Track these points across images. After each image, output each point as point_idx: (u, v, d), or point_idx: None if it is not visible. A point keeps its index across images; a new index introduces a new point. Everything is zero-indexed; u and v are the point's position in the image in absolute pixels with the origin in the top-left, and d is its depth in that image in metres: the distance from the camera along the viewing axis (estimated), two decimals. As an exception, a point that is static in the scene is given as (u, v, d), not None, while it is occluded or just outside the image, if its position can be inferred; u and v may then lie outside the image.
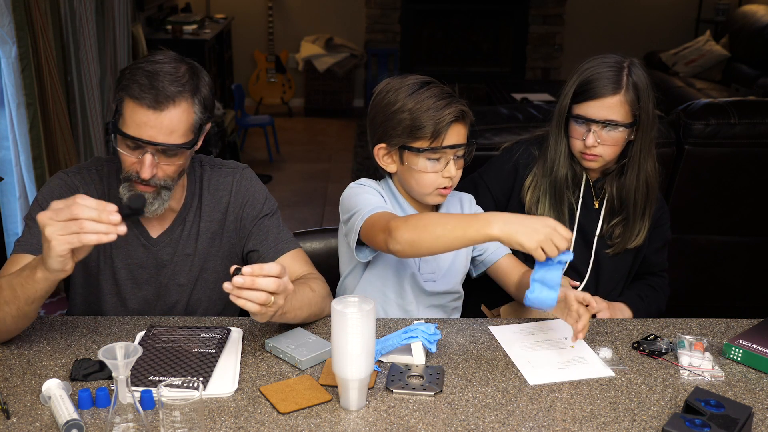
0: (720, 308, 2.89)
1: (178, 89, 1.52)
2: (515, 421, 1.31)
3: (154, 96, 1.50)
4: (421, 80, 1.69)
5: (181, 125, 1.54)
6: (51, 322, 1.62)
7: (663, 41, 6.80)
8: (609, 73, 1.76)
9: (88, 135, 3.92)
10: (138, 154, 1.55)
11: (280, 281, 1.34)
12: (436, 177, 1.68)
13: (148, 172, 1.54)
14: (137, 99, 1.51)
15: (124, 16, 4.52)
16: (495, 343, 1.58)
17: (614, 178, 1.86)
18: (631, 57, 1.82)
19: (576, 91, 1.78)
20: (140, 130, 1.52)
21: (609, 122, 1.75)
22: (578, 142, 1.80)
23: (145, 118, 1.51)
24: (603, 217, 1.90)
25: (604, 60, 1.79)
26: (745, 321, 1.67)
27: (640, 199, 1.85)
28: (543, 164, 1.88)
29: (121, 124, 1.54)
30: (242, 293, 1.32)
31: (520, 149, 1.94)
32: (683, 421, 1.25)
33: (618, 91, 1.75)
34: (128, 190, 1.59)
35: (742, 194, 2.71)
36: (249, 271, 1.31)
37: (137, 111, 1.51)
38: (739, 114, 2.61)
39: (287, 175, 5.49)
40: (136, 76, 1.52)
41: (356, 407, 1.33)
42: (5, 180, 3.23)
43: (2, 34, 3.03)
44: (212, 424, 1.28)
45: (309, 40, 6.99)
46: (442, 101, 1.64)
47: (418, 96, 1.65)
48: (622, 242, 1.89)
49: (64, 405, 1.26)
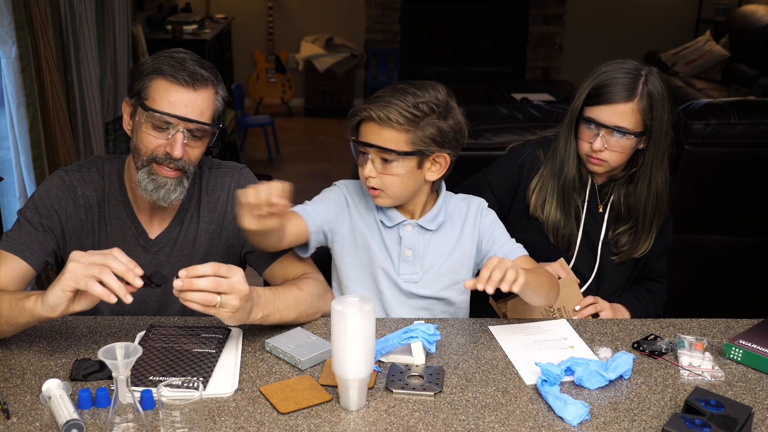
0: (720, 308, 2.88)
1: (208, 74, 1.60)
2: (515, 421, 1.31)
3: (190, 75, 1.56)
4: (406, 82, 1.67)
5: (209, 109, 1.60)
6: (51, 322, 1.62)
7: (663, 41, 6.80)
8: (625, 80, 1.74)
9: (88, 135, 3.92)
10: (166, 135, 1.58)
11: (218, 280, 1.35)
12: (361, 171, 1.67)
13: (180, 150, 1.57)
14: (173, 77, 1.55)
15: (124, 16, 4.51)
16: (495, 343, 1.58)
17: (622, 185, 1.86)
18: (651, 66, 1.81)
19: (590, 94, 1.76)
20: (174, 108, 1.56)
21: (618, 128, 1.74)
22: (586, 145, 1.80)
23: (179, 96, 1.56)
24: (607, 222, 1.89)
25: (622, 66, 1.77)
26: (745, 321, 1.67)
27: (649, 209, 1.85)
28: (551, 165, 1.87)
29: (150, 104, 1.57)
30: (185, 295, 1.35)
31: (527, 151, 1.93)
32: (683, 421, 1.25)
33: (631, 98, 1.73)
34: (148, 174, 1.60)
35: (742, 194, 2.71)
36: (184, 274, 1.34)
37: (171, 89, 1.56)
38: (739, 114, 2.61)
39: (287, 175, 5.49)
40: (164, 62, 1.57)
41: (356, 407, 1.33)
42: (5, 180, 3.23)
43: (2, 34, 3.03)
44: (212, 424, 1.28)
45: (309, 40, 6.99)
46: (375, 98, 1.63)
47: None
48: (630, 251, 1.89)
49: (64, 405, 1.26)
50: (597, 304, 1.83)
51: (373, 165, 1.63)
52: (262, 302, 1.48)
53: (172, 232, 1.72)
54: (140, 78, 1.59)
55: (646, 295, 1.97)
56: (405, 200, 1.70)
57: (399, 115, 1.58)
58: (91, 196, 1.70)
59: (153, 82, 1.57)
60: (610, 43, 6.93)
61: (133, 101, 1.61)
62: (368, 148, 1.63)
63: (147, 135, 1.58)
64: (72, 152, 3.49)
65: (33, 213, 1.65)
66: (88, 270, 1.32)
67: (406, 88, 1.62)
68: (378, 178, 1.64)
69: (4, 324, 1.45)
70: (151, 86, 1.57)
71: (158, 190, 1.60)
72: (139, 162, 1.61)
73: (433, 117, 1.61)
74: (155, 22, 5.90)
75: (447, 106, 1.64)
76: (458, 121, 1.66)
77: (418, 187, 1.69)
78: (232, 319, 1.41)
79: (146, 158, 1.59)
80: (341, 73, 6.92)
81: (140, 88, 1.58)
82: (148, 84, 1.57)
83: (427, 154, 1.63)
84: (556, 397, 1.34)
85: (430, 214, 1.73)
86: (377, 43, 7.08)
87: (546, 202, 1.87)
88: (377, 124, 1.60)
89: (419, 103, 1.59)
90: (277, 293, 1.53)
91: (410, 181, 1.65)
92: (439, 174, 1.68)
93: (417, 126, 1.59)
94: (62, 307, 1.36)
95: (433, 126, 1.61)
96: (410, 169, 1.63)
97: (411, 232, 1.72)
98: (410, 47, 7.18)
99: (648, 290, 1.98)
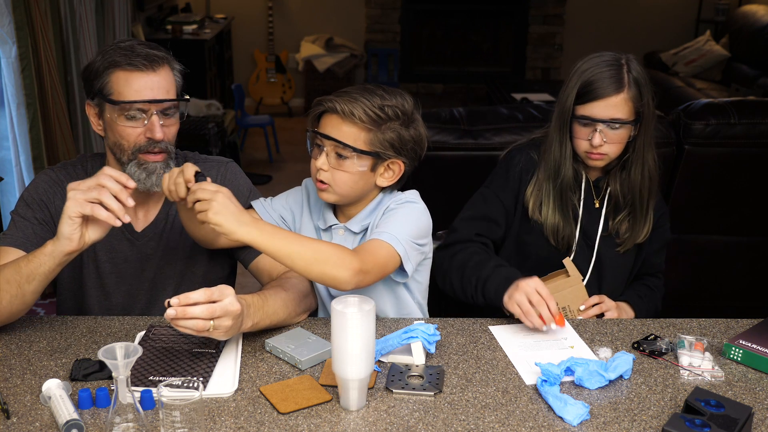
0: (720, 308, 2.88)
1: (161, 53, 1.62)
2: (515, 421, 1.31)
3: (146, 58, 1.58)
4: (377, 85, 1.67)
5: (172, 86, 1.63)
6: (51, 322, 1.62)
7: (663, 41, 6.80)
8: (610, 72, 1.76)
9: (88, 135, 3.92)
10: (141, 123, 1.60)
11: (212, 307, 1.34)
12: (314, 164, 1.66)
13: (161, 132, 1.61)
14: (130, 65, 1.57)
15: (124, 16, 4.51)
16: (495, 343, 1.58)
17: (617, 174, 1.87)
18: (627, 53, 1.82)
19: (579, 93, 1.77)
20: (141, 94, 1.58)
21: (615, 120, 1.76)
22: (584, 143, 1.80)
23: (142, 81, 1.58)
24: (605, 216, 1.90)
25: (601, 59, 1.79)
26: (745, 321, 1.67)
27: (645, 192, 1.87)
28: (545, 168, 1.87)
29: (116, 98, 1.58)
30: (179, 323, 1.34)
31: (521, 155, 1.93)
32: (683, 421, 1.25)
33: (621, 89, 1.75)
34: (138, 166, 1.63)
35: (742, 194, 2.71)
36: (176, 302, 1.33)
37: (132, 77, 1.58)
38: (739, 114, 2.61)
39: (287, 175, 5.48)
40: (115, 54, 1.59)
41: (356, 407, 1.33)
42: (5, 180, 3.24)
43: (2, 34, 3.03)
44: (212, 424, 1.28)
45: (309, 40, 6.98)
46: (342, 92, 1.63)
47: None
48: (632, 237, 1.90)
49: (64, 405, 1.26)
50: (603, 304, 1.82)
51: (327, 158, 1.63)
52: (251, 311, 1.47)
53: (158, 225, 1.74)
54: (97, 77, 1.60)
55: (647, 291, 1.97)
56: (350, 200, 1.69)
57: (363, 113, 1.58)
58: None
59: (112, 75, 1.59)
60: (610, 43, 6.91)
61: (97, 101, 1.63)
62: (325, 140, 1.62)
63: (124, 128, 1.61)
64: (72, 152, 3.49)
65: (25, 209, 1.68)
66: (88, 195, 1.40)
67: (375, 90, 1.63)
68: (329, 173, 1.63)
69: (25, 281, 1.47)
70: (111, 80, 1.59)
71: (150, 176, 1.63)
72: (125, 156, 1.63)
73: (396, 123, 1.61)
74: (155, 22, 5.90)
75: (411, 116, 1.65)
76: (420, 133, 1.66)
77: (368, 190, 1.69)
78: (224, 336, 1.41)
79: (131, 151, 1.62)
80: (341, 73, 6.92)
81: (101, 85, 1.60)
82: (108, 79, 1.59)
83: (383, 158, 1.63)
84: (556, 397, 1.34)
85: (358, 217, 1.71)
86: (377, 43, 7.08)
87: (543, 205, 1.88)
88: (339, 117, 1.60)
89: (385, 105, 1.60)
90: (265, 299, 1.53)
91: (360, 182, 1.65)
92: (390, 181, 1.68)
93: (378, 128, 1.60)
94: (77, 234, 1.43)
95: (394, 131, 1.61)
96: (363, 169, 1.63)
97: (342, 236, 1.72)
98: (410, 47, 7.18)
99: (647, 286, 1.99)
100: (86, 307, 1.75)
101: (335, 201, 1.69)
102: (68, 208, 1.40)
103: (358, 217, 1.71)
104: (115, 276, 1.72)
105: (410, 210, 1.66)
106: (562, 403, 1.32)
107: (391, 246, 1.57)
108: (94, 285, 1.73)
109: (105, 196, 1.40)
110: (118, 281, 1.72)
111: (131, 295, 1.74)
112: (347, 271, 1.48)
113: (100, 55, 1.62)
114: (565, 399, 1.33)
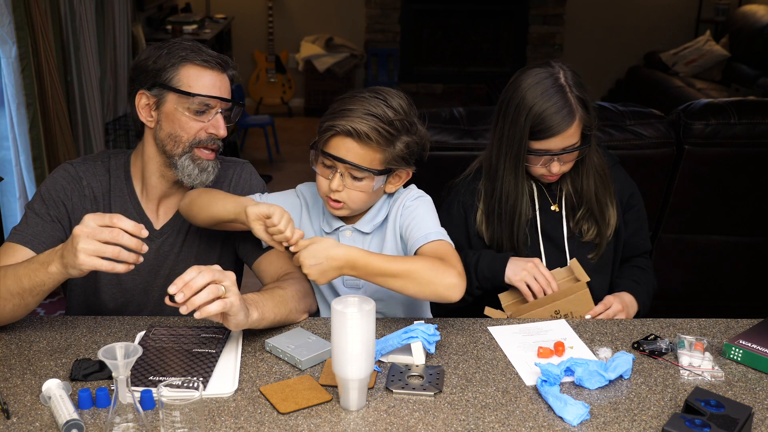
0: (720, 308, 2.89)
1: (226, 57, 1.71)
2: (515, 421, 1.31)
3: (218, 60, 1.65)
4: (370, 90, 1.63)
5: (229, 88, 1.70)
6: (51, 322, 1.62)
7: (663, 41, 6.79)
8: (558, 104, 1.72)
9: (88, 135, 3.92)
10: (207, 117, 1.65)
11: (208, 270, 1.35)
12: (325, 183, 1.63)
13: (225, 129, 1.67)
14: (205, 63, 1.63)
15: (124, 16, 4.51)
16: (495, 343, 1.58)
17: (567, 176, 1.87)
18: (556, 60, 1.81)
19: (532, 130, 1.75)
20: (210, 90, 1.64)
21: (571, 148, 1.76)
22: (541, 169, 1.81)
23: (212, 79, 1.64)
24: (566, 216, 1.89)
25: (542, 87, 1.73)
26: (745, 321, 1.67)
27: (600, 189, 1.87)
28: (494, 203, 1.85)
29: (188, 90, 1.62)
30: (194, 303, 1.32)
31: (462, 189, 1.92)
32: (683, 421, 1.25)
33: (573, 119, 1.73)
34: (192, 160, 1.66)
35: (742, 194, 2.71)
36: (175, 288, 1.32)
37: (204, 74, 1.63)
38: (739, 114, 2.61)
39: (287, 175, 5.49)
40: (183, 50, 1.63)
41: (356, 407, 1.33)
42: (5, 180, 3.24)
43: (2, 34, 3.03)
44: (212, 424, 1.28)
45: (309, 40, 6.98)
46: (347, 111, 1.58)
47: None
48: (601, 232, 1.88)
49: (64, 405, 1.26)
50: (609, 310, 1.80)
51: (341, 180, 1.61)
52: (253, 303, 1.48)
53: (175, 224, 1.75)
54: (164, 68, 1.62)
55: (639, 273, 1.96)
56: (362, 211, 1.70)
57: (378, 134, 1.56)
58: (96, 187, 1.73)
59: (182, 69, 1.62)
60: (610, 43, 6.92)
61: (156, 92, 1.64)
62: (339, 163, 1.59)
63: (189, 120, 1.64)
64: (72, 152, 3.49)
65: (40, 204, 1.68)
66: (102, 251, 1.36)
67: (375, 99, 1.58)
68: (344, 192, 1.62)
69: (29, 295, 1.47)
70: (181, 73, 1.62)
71: (201, 174, 1.67)
72: (180, 149, 1.65)
73: (404, 134, 1.61)
74: (155, 22, 5.90)
75: (412, 117, 1.62)
76: (421, 133, 1.65)
77: (378, 198, 1.70)
78: (237, 308, 1.40)
79: (189, 143, 1.65)
80: (341, 73, 6.92)
81: (168, 77, 1.62)
82: (177, 72, 1.62)
83: (395, 170, 1.64)
84: (556, 397, 1.34)
85: (367, 216, 1.71)
86: (377, 43, 7.08)
87: (495, 234, 1.87)
88: (353, 140, 1.57)
89: (394, 120, 1.57)
90: (263, 295, 1.55)
91: (374, 195, 1.67)
92: (398, 186, 1.70)
93: (391, 145, 1.59)
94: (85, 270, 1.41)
95: (403, 143, 1.61)
96: (379, 185, 1.63)
97: (350, 237, 1.71)
98: (410, 47, 7.17)
99: (638, 267, 1.98)
100: (99, 303, 1.75)
101: (348, 215, 1.69)
102: (81, 263, 1.36)
103: (367, 217, 1.71)
104: (133, 272, 1.72)
105: (428, 204, 1.70)
106: (562, 403, 1.32)
107: (446, 242, 1.61)
108: (111, 282, 1.74)
109: (124, 255, 1.38)
110: (134, 277, 1.73)
111: (146, 292, 1.76)
112: (453, 277, 1.50)
113: (165, 48, 1.64)
114: (565, 399, 1.33)
